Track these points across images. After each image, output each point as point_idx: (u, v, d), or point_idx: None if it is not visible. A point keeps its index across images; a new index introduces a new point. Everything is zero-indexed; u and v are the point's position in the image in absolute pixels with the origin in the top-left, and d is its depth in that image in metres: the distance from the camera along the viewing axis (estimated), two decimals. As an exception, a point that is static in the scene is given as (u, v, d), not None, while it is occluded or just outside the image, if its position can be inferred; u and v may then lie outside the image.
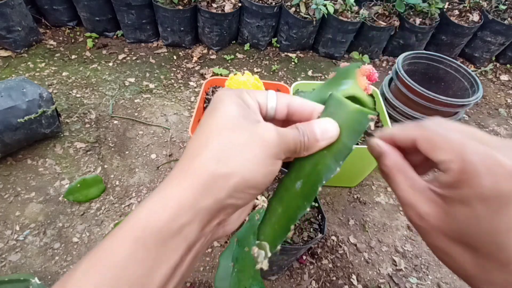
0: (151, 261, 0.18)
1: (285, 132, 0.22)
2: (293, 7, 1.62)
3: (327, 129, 0.23)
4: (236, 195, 0.20)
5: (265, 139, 0.20)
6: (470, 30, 1.73)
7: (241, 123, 0.21)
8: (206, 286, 0.92)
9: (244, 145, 0.20)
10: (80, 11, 1.60)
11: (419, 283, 0.99)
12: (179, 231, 0.18)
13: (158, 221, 0.18)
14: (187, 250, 0.19)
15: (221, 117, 0.21)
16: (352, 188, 1.21)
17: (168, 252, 0.18)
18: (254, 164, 0.20)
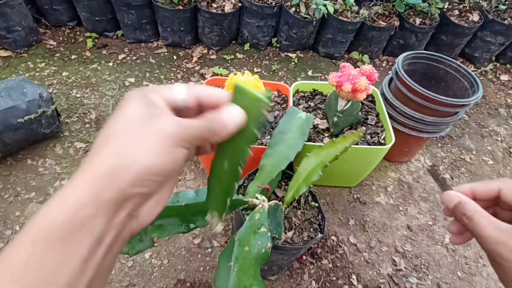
0: (54, 259, 0.18)
1: (188, 123, 0.23)
2: (293, 7, 1.62)
3: (233, 115, 0.24)
4: (138, 183, 0.20)
5: (163, 131, 0.21)
6: (470, 30, 1.73)
7: (142, 120, 0.21)
8: (206, 286, 0.92)
9: (144, 139, 0.21)
10: (80, 11, 1.60)
11: (419, 283, 0.99)
12: (81, 225, 0.18)
13: (58, 218, 0.18)
14: (95, 243, 0.19)
15: (124, 117, 0.22)
16: (352, 188, 1.21)
17: (72, 248, 0.18)
18: (153, 153, 0.21)
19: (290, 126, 0.80)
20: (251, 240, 0.52)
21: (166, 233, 0.53)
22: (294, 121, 0.81)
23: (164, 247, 0.98)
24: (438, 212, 1.18)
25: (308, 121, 0.82)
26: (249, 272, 0.48)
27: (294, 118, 0.82)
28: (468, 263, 1.06)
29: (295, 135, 0.78)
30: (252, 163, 0.87)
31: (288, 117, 0.82)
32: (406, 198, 1.21)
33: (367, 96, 0.91)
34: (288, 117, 0.82)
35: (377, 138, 1.02)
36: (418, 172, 1.30)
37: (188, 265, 0.95)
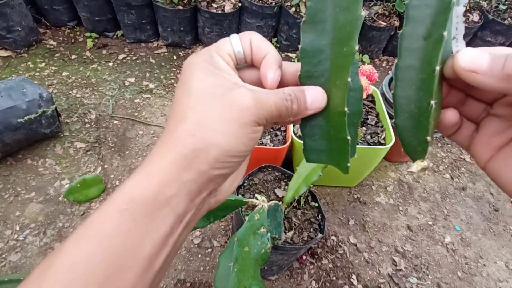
0: (139, 231, 0.18)
1: (265, 98, 0.21)
2: (293, 7, 1.62)
3: (317, 97, 0.23)
4: (219, 165, 0.20)
5: (240, 107, 0.20)
6: (470, 30, 1.73)
7: (214, 94, 0.20)
8: (206, 286, 0.92)
9: (219, 117, 0.20)
10: (80, 11, 1.60)
11: (419, 283, 0.99)
12: (166, 203, 0.19)
13: (144, 194, 0.19)
14: (177, 220, 0.20)
15: (194, 91, 0.21)
16: (352, 188, 1.21)
17: (156, 223, 0.19)
18: (231, 134, 0.20)
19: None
20: (251, 241, 0.52)
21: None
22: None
23: (164, 247, 0.98)
24: (438, 212, 1.18)
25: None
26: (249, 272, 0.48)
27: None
28: (468, 263, 1.06)
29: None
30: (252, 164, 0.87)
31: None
32: (406, 198, 1.21)
33: (367, 96, 0.91)
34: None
35: (377, 138, 1.02)
36: (418, 172, 1.30)
37: (188, 265, 0.95)
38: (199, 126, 0.20)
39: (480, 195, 1.26)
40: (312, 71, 0.23)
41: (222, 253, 0.52)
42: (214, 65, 0.22)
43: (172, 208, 0.19)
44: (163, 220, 0.19)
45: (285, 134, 1.01)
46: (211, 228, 1.04)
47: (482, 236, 1.13)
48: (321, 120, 0.24)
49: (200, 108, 0.20)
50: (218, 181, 0.21)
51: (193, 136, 0.20)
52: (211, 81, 0.21)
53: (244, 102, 0.20)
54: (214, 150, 0.20)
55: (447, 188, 1.26)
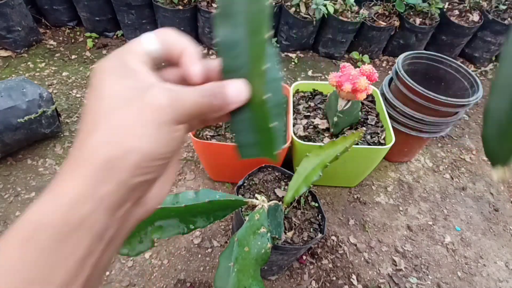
0: (47, 261, 0.16)
1: (183, 95, 0.20)
2: (293, 7, 1.62)
3: (239, 90, 0.22)
4: (141, 171, 0.19)
5: (155, 107, 0.19)
6: (470, 30, 1.73)
7: (128, 97, 0.19)
8: (206, 286, 0.92)
9: (135, 120, 0.18)
10: (80, 11, 1.60)
11: (419, 283, 0.99)
12: (80, 224, 0.17)
13: (52, 218, 0.17)
14: (95, 240, 0.18)
15: (106, 96, 0.19)
16: (352, 188, 1.21)
17: (69, 247, 0.17)
18: (150, 136, 0.18)
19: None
20: (251, 241, 0.52)
21: (166, 234, 0.53)
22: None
23: (164, 247, 0.98)
24: (438, 212, 1.18)
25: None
26: (249, 272, 0.48)
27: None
28: (468, 263, 1.06)
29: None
30: (252, 163, 0.87)
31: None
32: (406, 198, 1.21)
33: (367, 96, 0.91)
34: None
35: (377, 138, 1.02)
36: (418, 172, 1.30)
37: (188, 265, 0.95)
38: (113, 132, 0.18)
39: (480, 195, 1.26)
40: (232, 65, 0.23)
41: (222, 253, 0.52)
42: (127, 67, 0.20)
43: (88, 228, 0.17)
44: (77, 242, 0.17)
45: (285, 134, 1.01)
46: (211, 228, 1.04)
47: (482, 236, 1.13)
48: (247, 114, 0.24)
49: (113, 114, 0.19)
50: (143, 188, 0.20)
51: (108, 144, 0.18)
52: (124, 84, 0.19)
53: (159, 101, 0.19)
54: (133, 155, 0.18)
55: (447, 188, 1.26)
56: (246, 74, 0.23)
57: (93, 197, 0.17)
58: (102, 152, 0.18)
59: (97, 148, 0.18)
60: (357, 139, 0.70)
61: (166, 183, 0.23)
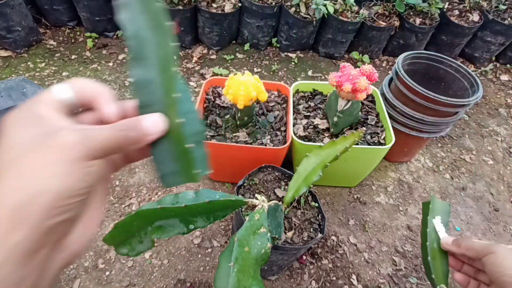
0: None
1: (96, 131, 0.20)
2: (293, 7, 1.62)
3: (156, 123, 0.23)
4: (56, 211, 0.18)
5: (63, 147, 0.18)
6: (470, 30, 1.73)
7: (36, 142, 0.18)
8: (206, 286, 0.92)
9: (42, 163, 0.18)
10: (80, 11, 1.60)
11: (419, 283, 0.99)
12: None
13: None
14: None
15: (14, 145, 0.19)
16: (352, 188, 1.21)
17: None
18: (60, 175, 0.18)
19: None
20: (251, 241, 0.52)
21: (166, 235, 0.53)
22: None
23: (164, 247, 0.98)
24: (438, 212, 1.18)
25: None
26: (249, 272, 0.48)
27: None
28: (468, 263, 1.06)
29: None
30: (252, 163, 0.87)
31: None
32: (406, 198, 1.21)
33: (367, 96, 0.91)
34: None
35: (377, 138, 1.02)
36: (418, 172, 1.30)
37: (188, 265, 0.95)
38: (21, 178, 0.17)
39: (480, 195, 1.26)
40: (147, 100, 0.24)
41: (222, 253, 0.52)
42: (34, 116, 0.20)
43: (0, 282, 0.16)
44: None
45: (285, 134, 1.01)
46: (211, 228, 1.04)
47: (482, 236, 1.13)
48: (166, 142, 0.25)
49: (20, 160, 0.18)
50: (61, 230, 0.19)
51: (16, 190, 0.17)
52: (31, 132, 0.19)
53: (67, 140, 0.19)
54: (45, 196, 0.17)
55: (447, 188, 1.26)
56: (164, 107, 0.24)
57: (3, 248, 0.16)
58: (10, 199, 0.17)
59: (4, 196, 0.17)
60: (357, 139, 0.70)
61: (92, 222, 0.22)
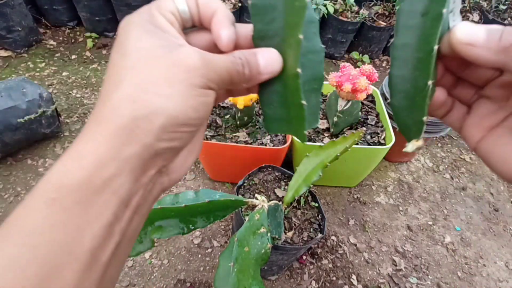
0: (74, 222, 0.15)
1: (214, 59, 0.19)
2: (293, 7, 1.62)
3: (271, 62, 0.20)
4: (166, 136, 0.17)
5: (186, 67, 0.17)
6: (470, 30, 1.73)
7: (155, 54, 0.17)
8: (206, 286, 0.92)
9: (163, 79, 0.17)
10: (80, 11, 1.60)
11: (419, 283, 0.99)
12: (105, 186, 0.16)
13: (76, 178, 0.16)
14: (121, 205, 0.17)
15: (132, 52, 0.18)
16: (352, 188, 1.21)
17: (94, 210, 0.16)
18: (178, 97, 0.17)
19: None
20: (250, 241, 0.52)
21: (166, 234, 0.53)
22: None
23: (164, 247, 0.98)
24: (438, 212, 1.18)
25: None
26: (249, 272, 0.48)
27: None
28: (468, 263, 1.06)
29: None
30: (253, 163, 0.87)
31: None
32: (406, 198, 1.21)
33: (367, 96, 0.91)
34: None
35: (377, 138, 1.02)
36: (418, 172, 1.30)
37: (188, 265, 0.95)
38: (139, 90, 0.17)
39: (480, 195, 1.26)
40: (265, 31, 0.20)
41: (222, 253, 0.52)
42: (156, 24, 0.18)
43: (113, 192, 0.16)
44: (103, 206, 0.16)
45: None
46: (211, 228, 1.04)
47: (482, 236, 1.13)
48: (278, 86, 0.22)
49: (139, 69, 0.17)
50: (167, 156, 0.19)
51: (133, 102, 0.16)
52: (152, 41, 0.18)
53: (191, 61, 0.17)
54: (159, 117, 0.17)
55: (447, 188, 1.26)
56: (282, 43, 0.20)
57: (117, 159, 0.16)
58: (125, 110, 0.16)
59: (120, 106, 0.17)
60: (357, 139, 0.70)
61: (191, 155, 0.22)
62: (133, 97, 0.17)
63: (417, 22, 0.19)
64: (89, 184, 0.16)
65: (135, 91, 0.17)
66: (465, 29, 0.18)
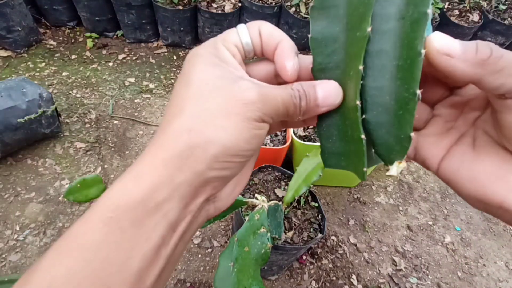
0: (127, 242, 0.16)
1: (271, 93, 0.19)
2: (293, 7, 1.62)
3: (331, 95, 0.20)
4: (217, 165, 0.18)
5: (243, 100, 0.18)
6: (470, 30, 1.73)
7: (216, 86, 0.18)
8: (206, 286, 0.92)
9: (220, 110, 0.18)
10: (80, 11, 1.60)
11: (419, 283, 0.99)
12: (156, 209, 0.17)
13: (132, 199, 0.17)
14: (169, 229, 0.17)
15: (194, 83, 0.19)
16: (352, 188, 1.20)
17: (146, 232, 0.16)
18: (233, 129, 0.18)
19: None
20: (250, 241, 0.52)
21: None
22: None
23: (164, 247, 0.98)
24: (438, 212, 1.18)
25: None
26: (249, 272, 0.48)
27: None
28: (468, 263, 1.06)
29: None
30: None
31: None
32: (406, 198, 1.21)
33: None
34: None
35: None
36: (418, 172, 1.30)
37: (188, 265, 0.95)
38: (196, 120, 0.18)
39: (480, 195, 1.26)
40: (326, 63, 0.20)
41: (222, 253, 0.52)
42: (219, 57, 0.20)
43: (163, 215, 0.17)
44: (153, 229, 0.17)
45: (285, 134, 1.01)
46: (211, 228, 1.04)
47: (482, 236, 1.13)
48: (338, 119, 0.21)
49: (199, 100, 0.18)
50: (216, 184, 0.19)
51: (190, 131, 0.17)
52: (213, 73, 0.19)
53: (248, 95, 0.18)
54: (212, 147, 0.17)
55: (447, 188, 1.26)
56: (343, 75, 0.20)
57: (170, 184, 0.17)
58: (183, 138, 0.17)
59: (178, 134, 0.18)
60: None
61: (239, 184, 0.22)
62: (190, 127, 0.18)
63: (392, 26, 0.18)
64: (144, 206, 0.17)
65: (193, 121, 0.18)
66: (442, 38, 0.17)
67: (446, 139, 0.21)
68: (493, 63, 0.16)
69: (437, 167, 0.21)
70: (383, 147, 0.20)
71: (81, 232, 0.16)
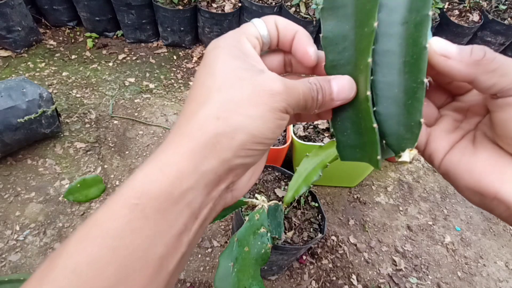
0: (150, 229, 0.16)
1: (294, 85, 0.20)
2: (293, 7, 1.62)
3: (344, 89, 0.21)
4: (243, 153, 0.18)
5: (270, 91, 0.19)
6: (470, 30, 1.73)
7: (241, 77, 0.19)
8: (206, 286, 0.92)
9: (247, 100, 0.18)
10: (80, 11, 1.60)
11: (419, 283, 0.99)
12: (181, 197, 0.17)
13: (157, 188, 0.17)
14: (192, 217, 0.18)
15: (219, 73, 0.19)
16: (352, 188, 1.20)
17: (170, 220, 0.17)
18: (260, 118, 0.18)
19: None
20: (250, 241, 0.52)
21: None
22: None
23: (164, 247, 0.98)
24: (438, 212, 1.18)
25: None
26: (249, 272, 0.48)
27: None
28: (468, 263, 1.06)
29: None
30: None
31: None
32: (406, 198, 1.21)
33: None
34: None
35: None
36: (418, 172, 1.30)
37: (188, 265, 0.95)
38: (224, 108, 0.18)
39: (480, 195, 1.26)
40: (337, 60, 0.22)
41: (222, 253, 0.52)
42: (241, 50, 0.20)
43: (187, 204, 0.17)
44: (177, 216, 0.17)
45: (285, 134, 1.01)
46: (211, 228, 1.04)
47: (482, 236, 1.13)
48: (351, 112, 0.22)
49: (225, 90, 0.18)
50: (239, 172, 0.20)
51: (217, 119, 0.18)
52: (237, 65, 0.19)
53: (275, 86, 0.19)
54: (240, 135, 0.18)
55: (447, 188, 1.26)
56: (354, 70, 0.21)
57: (196, 173, 0.17)
58: (210, 127, 0.18)
59: (206, 122, 0.18)
60: (357, 139, 0.70)
61: (254, 174, 0.23)
62: (218, 115, 0.18)
63: (398, 30, 0.20)
64: (168, 194, 0.17)
65: (220, 109, 0.18)
66: (440, 42, 0.19)
67: (453, 135, 0.22)
68: (486, 64, 0.18)
69: (440, 161, 0.22)
70: (393, 137, 0.21)
71: (105, 219, 0.17)
